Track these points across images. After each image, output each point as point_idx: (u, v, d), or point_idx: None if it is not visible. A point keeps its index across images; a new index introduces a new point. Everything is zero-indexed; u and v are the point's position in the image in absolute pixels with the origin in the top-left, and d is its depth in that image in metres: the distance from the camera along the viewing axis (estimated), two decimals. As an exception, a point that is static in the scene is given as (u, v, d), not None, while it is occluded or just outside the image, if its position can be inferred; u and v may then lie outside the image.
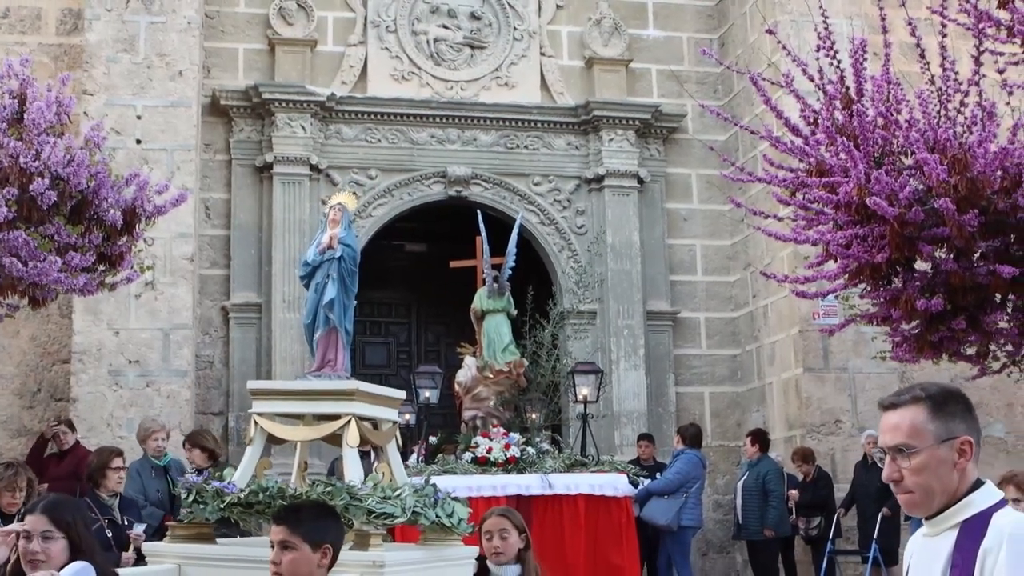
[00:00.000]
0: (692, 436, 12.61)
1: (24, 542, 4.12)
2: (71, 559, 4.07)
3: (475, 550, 5.29)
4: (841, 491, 13.35)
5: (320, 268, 5.92)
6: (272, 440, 5.59)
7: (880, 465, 3.10)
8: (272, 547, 4.07)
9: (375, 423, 5.60)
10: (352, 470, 5.11)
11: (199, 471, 9.04)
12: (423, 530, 5.37)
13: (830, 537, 12.94)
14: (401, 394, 5.90)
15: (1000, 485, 6.98)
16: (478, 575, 5.19)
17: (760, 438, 13.15)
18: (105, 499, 8.04)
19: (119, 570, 5.28)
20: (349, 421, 5.17)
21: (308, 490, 4.90)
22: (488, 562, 5.20)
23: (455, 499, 5.33)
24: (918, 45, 9.43)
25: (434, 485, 5.33)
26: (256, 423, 5.40)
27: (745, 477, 13.06)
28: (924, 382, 3.15)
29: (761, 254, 14.96)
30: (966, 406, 3.00)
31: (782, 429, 14.58)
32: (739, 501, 13.06)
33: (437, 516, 5.12)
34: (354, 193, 13.23)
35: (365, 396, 5.43)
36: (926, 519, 2.99)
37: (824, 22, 9.88)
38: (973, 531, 2.88)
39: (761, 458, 12.98)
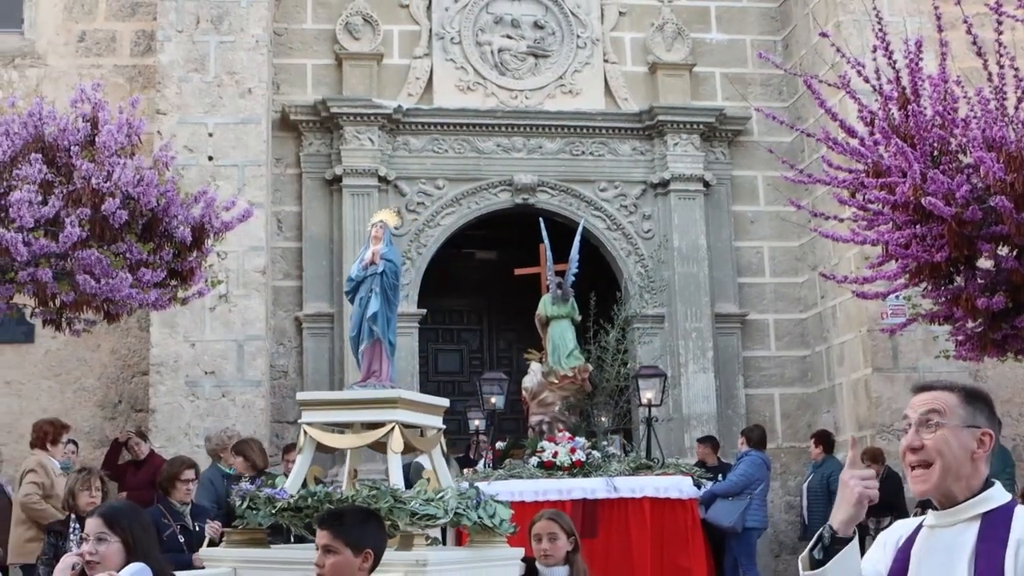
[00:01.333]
0: (757, 438, 12.66)
1: (84, 544, 4.37)
2: (127, 561, 4.28)
3: (520, 551, 5.45)
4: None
5: (364, 283, 6.14)
6: (322, 448, 5.80)
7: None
8: (317, 550, 4.26)
9: (421, 430, 5.81)
10: (395, 474, 5.32)
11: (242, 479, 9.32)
12: (468, 532, 5.56)
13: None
14: (445, 402, 6.08)
15: None
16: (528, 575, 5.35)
17: (824, 439, 13.16)
18: (177, 506, 8.31)
19: (191, 572, 5.53)
20: (393, 428, 5.37)
21: (355, 494, 5.11)
22: (537, 563, 5.36)
23: (498, 501, 5.49)
24: (974, 43, 9.43)
25: (476, 488, 5.51)
26: (305, 432, 5.62)
27: (811, 478, 13.07)
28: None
29: (828, 255, 14.95)
30: (991, 408, 3.16)
31: (852, 429, 14.55)
32: (805, 502, 13.07)
33: (479, 517, 5.28)
34: (410, 209, 13.50)
35: (408, 404, 5.63)
36: (939, 508, 3.09)
37: (879, 23, 9.92)
38: (997, 523, 3.00)
39: (826, 459, 12.99)
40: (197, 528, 8.20)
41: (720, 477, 12.53)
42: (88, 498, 7.59)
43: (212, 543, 7.57)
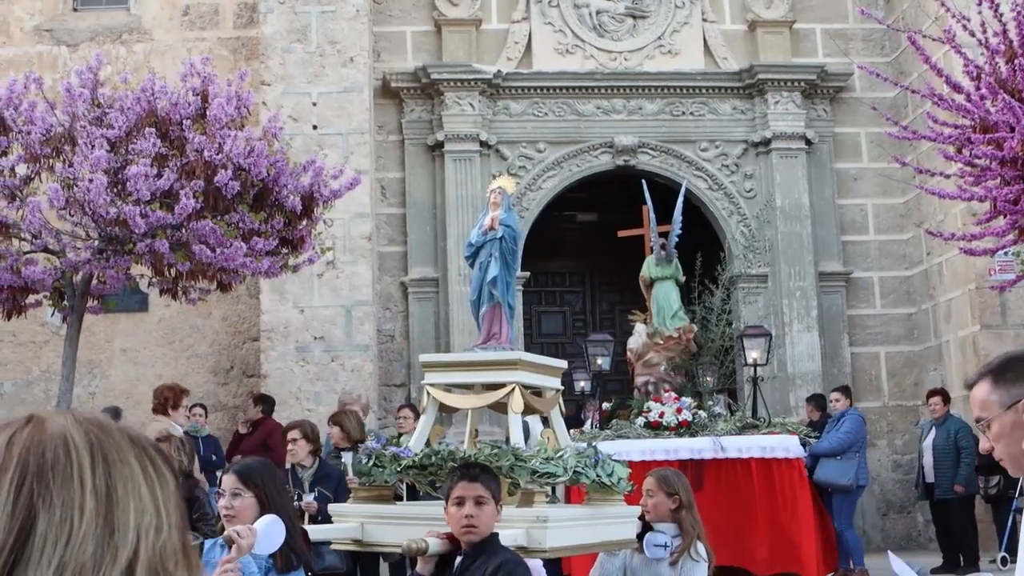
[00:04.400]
0: (850, 395, 12.75)
1: (220, 499, 4.60)
2: (261, 515, 4.48)
3: (637, 509, 5.56)
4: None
5: (483, 248, 6.26)
6: (444, 409, 5.96)
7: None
8: (461, 503, 4.40)
9: (540, 390, 5.95)
10: (515, 433, 5.46)
11: (337, 449, 9.40)
12: (587, 490, 5.69)
13: (1015, 495, 12.75)
14: (563, 363, 6.20)
15: None
16: (643, 533, 5.47)
17: (947, 396, 13.11)
18: (300, 471, 8.40)
19: (317, 527, 5.72)
20: (513, 389, 5.51)
21: (476, 452, 5.26)
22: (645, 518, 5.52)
23: (616, 461, 5.60)
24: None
25: (595, 447, 5.62)
26: (428, 393, 5.78)
27: (933, 436, 12.95)
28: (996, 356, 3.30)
29: (934, 211, 14.78)
30: None
31: (960, 388, 14.39)
32: (929, 460, 12.94)
33: (597, 476, 5.40)
34: (511, 174, 13.60)
35: (528, 365, 5.76)
36: None
37: (984, -25, 9.75)
38: None
39: (948, 416, 12.91)
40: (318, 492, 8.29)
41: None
42: None
43: (312, 519, 7.66)
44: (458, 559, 4.41)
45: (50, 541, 1.13)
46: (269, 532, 4.24)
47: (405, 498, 8.06)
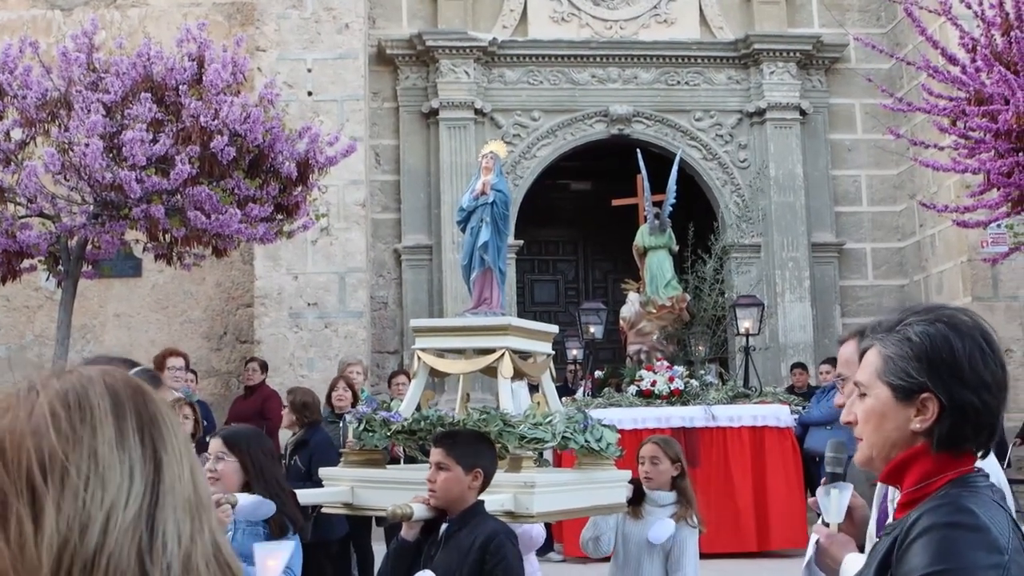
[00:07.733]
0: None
1: (207, 463, 4.63)
2: (245, 481, 4.50)
3: (627, 474, 5.60)
4: (1010, 422, 13.22)
5: (474, 213, 6.28)
6: (435, 373, 6.00)
7: None
8: (430, 467, 4.47)
9: (531, 356, 5.99)
10: (505, 399, 5.50)
11: (335, 414, 9.37)
12: (576, 455, 5.73)
13: (1003, 467, 12.81)
14: (554, 328, 6.22)
15: None
16: (634, 499, 5.51)
17: None
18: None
19: (307, 491, 5.73)
20: (503, 354, 5.55)
21: (465, 418, 5.30)
22: (644, 486, 5.53)
23: (605, 426, 5.65)
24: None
25: (584, 412, 5.67)
26: (419, 358, 5.82)
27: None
28: None
29: (927, 183, 14.81)
30: None
31: (951, 358, 14.45)
32: None
33: (586, 441, 5.45)
34: (506, 141, 13.60)
35: (519, 331, 5.78)
36: None
37: (981, -53, 9.76)
38: None
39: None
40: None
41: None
42: None
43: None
44: (444, 526, 4.43)
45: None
46: (254, 506, 4.27)
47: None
